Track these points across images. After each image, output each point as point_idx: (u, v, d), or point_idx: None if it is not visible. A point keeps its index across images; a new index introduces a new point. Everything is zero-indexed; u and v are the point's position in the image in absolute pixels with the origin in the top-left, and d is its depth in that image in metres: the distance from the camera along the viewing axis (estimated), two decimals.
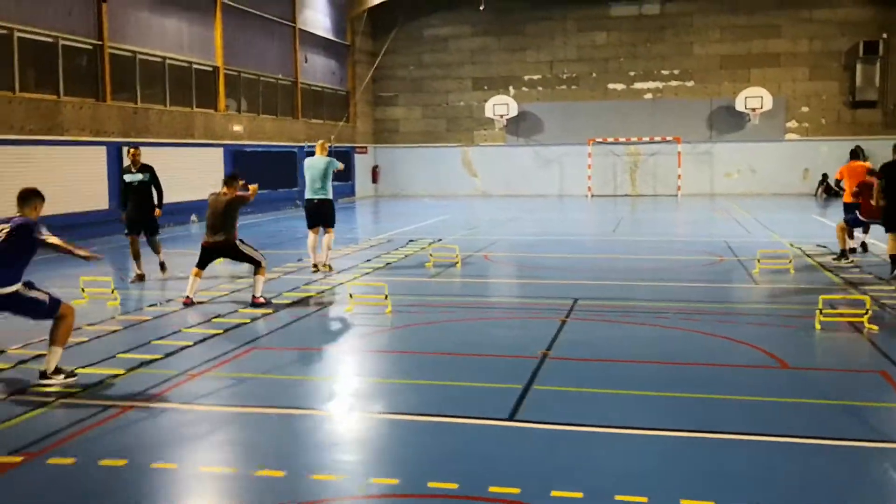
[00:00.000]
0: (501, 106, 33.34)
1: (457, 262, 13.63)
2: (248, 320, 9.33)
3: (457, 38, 34.67)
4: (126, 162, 13.95)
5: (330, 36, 31.29)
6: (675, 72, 33.11)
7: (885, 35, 31.01)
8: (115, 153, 19.16)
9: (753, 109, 31.52)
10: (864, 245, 14.82)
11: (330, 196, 12.83)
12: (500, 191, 34.40)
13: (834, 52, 31.80)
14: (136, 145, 13.92)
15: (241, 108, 25.52)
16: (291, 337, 8.72)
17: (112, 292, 10.71)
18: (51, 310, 6.87)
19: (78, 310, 7.78)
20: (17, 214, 7.03)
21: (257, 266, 10.36)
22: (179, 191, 21.97)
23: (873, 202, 13.31)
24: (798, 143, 32.47)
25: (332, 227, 12.91)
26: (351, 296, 10.14)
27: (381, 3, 33.01)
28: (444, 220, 23.10)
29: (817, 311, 8.64)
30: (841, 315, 8.94)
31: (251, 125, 25.84)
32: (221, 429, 5.80)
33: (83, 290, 10.80)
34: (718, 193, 32.79)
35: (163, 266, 12.78)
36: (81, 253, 7.10)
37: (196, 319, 9.37)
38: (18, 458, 5.17)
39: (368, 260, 14.28)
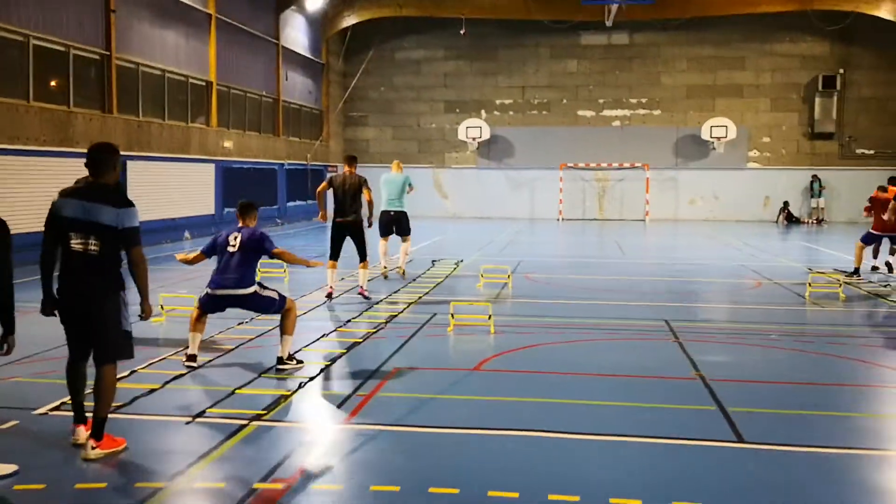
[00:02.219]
0: (474, 129, 33.60)
1: (508, 283, 13.71)
2: (360, 340, 9.21)
3: (430, 61, 34.85)
4: None
5: (308, 54, 31.07)
6: (643, 100, 33.98)
7: (842, 70, 32.53)
8: (121, 167, 18.58)
9: (718, 138, 32.56)
10: (889, 265, 15.41)
11: (405, 209, 13.96)
12: (471, 213, 34.59)
13: (794, 84, 33.18)
14: None
15: (230, 125, 25.07)
16: (421, 356, 8.60)
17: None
18: (280, 305, 7.87)
19: (162, 329, 7.84)
20: (241, 225, 8.07)
21: (363, 258, 11.94)
22: (175, 207, 21.49)
23: (885, 217, 14.23)
24: (759, 171, 33.67)
25: (409, 235, 14.12)
26: (452, 315, 10.08)
27: (356, 24, 32.99)
28: (439, 241, 23.10)
29: None
30: None
31: (239, 141, 25.41)
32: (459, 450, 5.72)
33: (162, 307, 10.45)
34: (683, 219, 33.70)
35: None
36: (307, 262, 8.32)
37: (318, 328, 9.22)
38: (280, 486, 5.01)
39: (413, 280, 14.20)
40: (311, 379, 7.49)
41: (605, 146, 33.89)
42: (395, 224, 13.97)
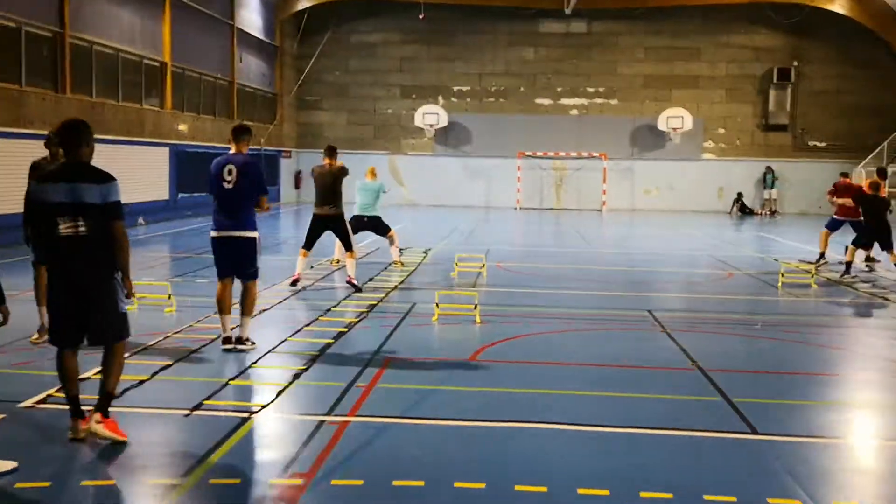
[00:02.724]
0: (431, 115, 33.30)
1: (483, 272, 13.54)
2: (345, 329, 8.94)
3: (386, 45, 34.43)
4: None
5: (262, 36, 30.41)
6: (601, 89, 34.07)
7: (795, 63, 33.03)
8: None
9: (674, 129, 32.80)
10: (870, 259, 15.47)
11: (379, 213, 13.97)
12: (428, 200, 34.31)
13: (749, 76, 33.60)
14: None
15: (185, 107, 24.40)
16: (411, 346, 8.36)
17: (168, 298, 9.99)
18: (256, 274, 8.04)
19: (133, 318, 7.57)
20: (234, 152, 7.95)
21: (349, 248, 11.68)
22: (129, 192, 20.80)
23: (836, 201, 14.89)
24: (714, 162, 34.07)
25: (390, 230, 14.05)
26: (437, 305, 9.85)
27: (312, 7, 32.41)
28: (400, 229, 22.71)
29: None
30: None
31: (193, 125, 24.75)
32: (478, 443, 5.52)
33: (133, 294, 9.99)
34: (639, 209, 33.92)
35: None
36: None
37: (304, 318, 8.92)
38: (299, 481, 4.76)
39: (385, 269, 13.94)
40: (306, 370, 7.22)
41: (563, 135, 33.91)
42: (370, 228, 13.94)
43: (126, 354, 7.25)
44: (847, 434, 5.98)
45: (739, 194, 33.60)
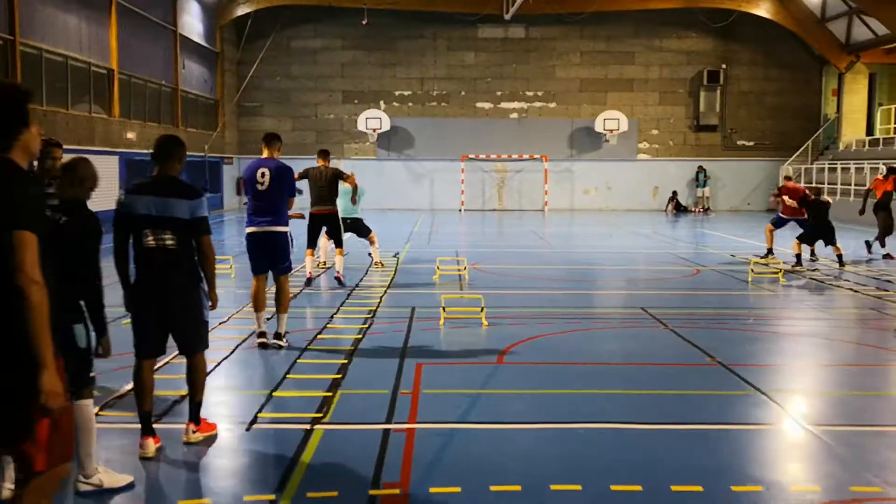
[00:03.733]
0: (374, 120, 33.34)
1: (465, 274, 13.75)
2: (359, 336, 9.03)
3: (327, 50, 34.31)
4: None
5: (203, 42, 29.96)
6: (539, 93, 34.67)
7: (724, 65, 34.24)
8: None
9: (611, 130, 33.62)
10: (813, 253, 16.37)
11: (360, 216, 14.36)
12: (372, 204, 34.08)
13: (680, 79, 34.67)
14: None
15: (132, 115, 23.89)
16: (434, 351, 8.50)
17: None
18: (290, 266, 8.69)
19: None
20: (266, 156, 8.54)
21: (339, 245, 12.54)
22: None
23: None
24: (648, 162, 35.03)
25: (371, 232, 14.54)
26: (444, 308, 10.01)
27: (250, 13, 32.06)
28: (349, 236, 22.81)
29: None
30: None
31: (141, 133, 24.24)
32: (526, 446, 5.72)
33: None
34: (578, 209, 34.64)
35: None
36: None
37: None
38: (396, 491, 4.88)
39: (366, 273, 14.03)
40: (342, 378, 7.30)
41: (504, 138, 34.38)
42: (352, 230, 14.23)
43: (157, 367, 7.31)
44: None
45: (674, 193, 34.64)
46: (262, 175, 8.41)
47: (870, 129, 33.25)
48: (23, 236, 3.08)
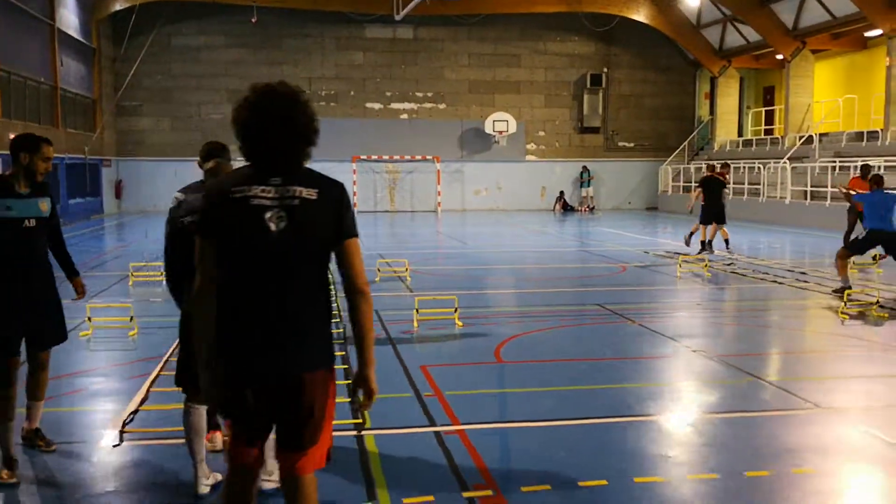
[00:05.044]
0: None
1: (406, 276, 13.64)
2: (341, 340, 8.80)
3: (210, 48, 33.21)
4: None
5: (80, 38, 28.36)
6: (429, 94, 34.81)
7: (606, 69, 35.47)
8: None
9: (500, 132, 34.19)
10: (709, 243, 17.12)
11: None
12: None
13: (565, 82, 35.64)
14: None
15: (13, 114, 22.33)
16: (426, 353, 8.40)
17: (131, 320, 9.31)
18: None
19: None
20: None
21: None
22: None
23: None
24: (536, 163, 35.83)
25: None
26: (417, 310, 9.87)
27: (129, 8, 30.61)
28: None
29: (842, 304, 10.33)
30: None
31: (24, 132, 22.65)
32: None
33: (90, 319, 9.25)
34: (470, 209, 35.01)
35: None
36: None
37: None
38: (488, 493, 4.79)
39: None
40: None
41: (395, 139, 34.32)
42: None
43: (147, 384, 6.92)
44: None
45: (562, 192, 35.57)
46: None
47: (741, 131, 35.30)
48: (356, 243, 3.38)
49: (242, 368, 3.20)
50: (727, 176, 18.00)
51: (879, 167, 22.34)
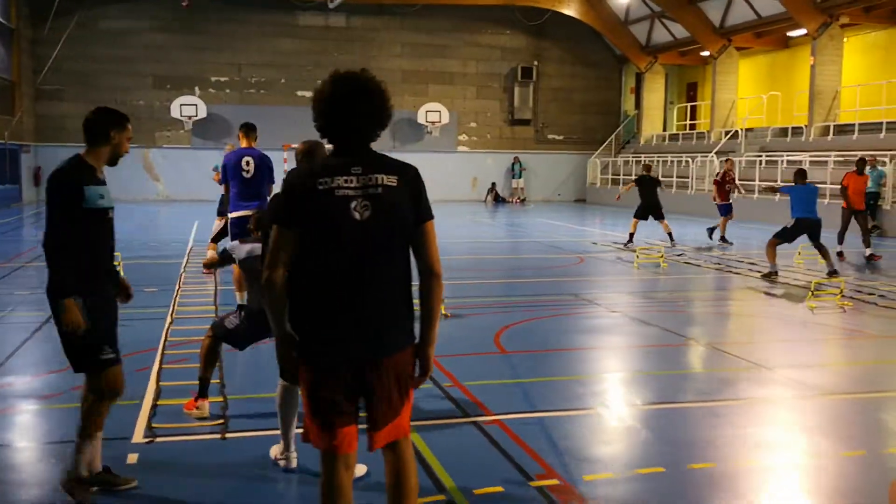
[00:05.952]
0: (189, 107, 31.72)
1: None
2: None
3: (134, 32, 32.08)
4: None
5: None
6: None
7: (536, 62, 35.86)
8: None
9: (433, 122, 34.21)
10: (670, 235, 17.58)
11: None
12: (186, 195, 32.63)
13: (496, 74, 35.87)
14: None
15: None
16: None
17: None
18: None
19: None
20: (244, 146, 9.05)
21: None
22: None
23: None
24: (468, 154, 35.98)
25: None
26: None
27: None
28: (202, 224, 21.76)
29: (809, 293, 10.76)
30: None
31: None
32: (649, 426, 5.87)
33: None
34: None
35: None
36: None
37: None
38: (555, 482, 4.83)
39: None
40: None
41: None
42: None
43: (153, 377, 6.70)
44: None
45: (493, 184, 35.83)
46: (248, 164, 9.13)
47: (665, 126, 36.24)
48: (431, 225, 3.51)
49: (339, 353, 3.29)
50: (732, 172, 18.44)
51: (803, 161, 23.35)
